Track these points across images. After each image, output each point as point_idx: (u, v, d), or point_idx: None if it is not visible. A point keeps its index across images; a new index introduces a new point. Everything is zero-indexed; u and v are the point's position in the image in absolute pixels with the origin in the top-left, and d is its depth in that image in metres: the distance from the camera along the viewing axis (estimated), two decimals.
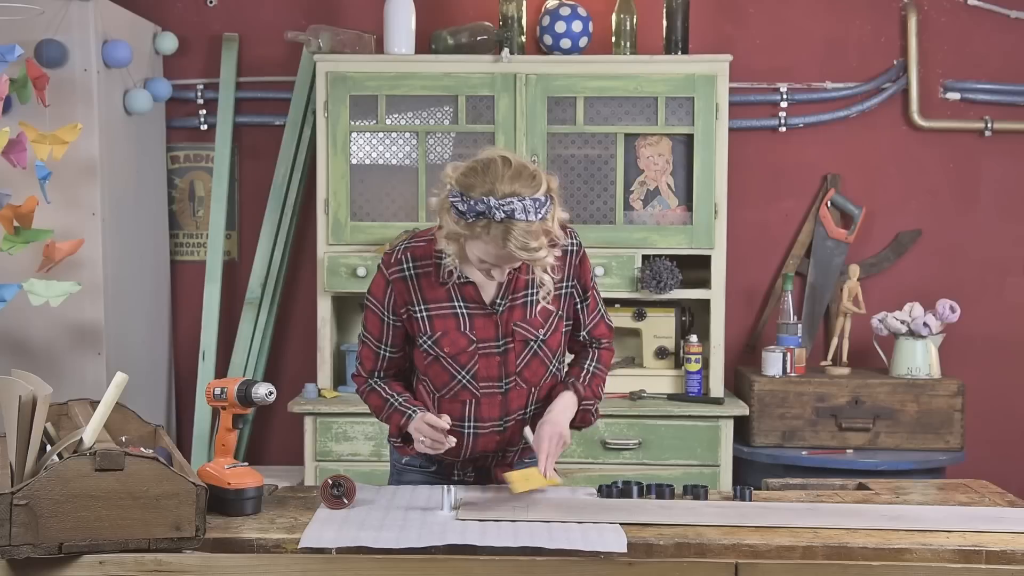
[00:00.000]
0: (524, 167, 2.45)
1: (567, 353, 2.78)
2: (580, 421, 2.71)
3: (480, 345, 2.60)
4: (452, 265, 2.54)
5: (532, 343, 2.62)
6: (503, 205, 2.38)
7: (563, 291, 2.65)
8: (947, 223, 4.48)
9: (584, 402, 2.69)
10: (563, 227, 2.57)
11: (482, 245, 2.44)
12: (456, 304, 2.59)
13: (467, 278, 2.57)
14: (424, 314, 2.60)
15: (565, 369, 2.76)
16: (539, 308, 2.61)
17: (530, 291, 2.61)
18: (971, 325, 4.38)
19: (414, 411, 2.60)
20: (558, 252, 2.54)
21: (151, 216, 4.41)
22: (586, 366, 2.75)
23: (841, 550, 2.26)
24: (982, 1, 4.42)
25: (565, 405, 2.65)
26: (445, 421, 2.56)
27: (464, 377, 2.62)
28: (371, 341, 2.68)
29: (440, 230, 2.49)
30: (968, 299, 4.35)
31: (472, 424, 2.65)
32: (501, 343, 2.61)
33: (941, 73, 4.45)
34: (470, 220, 2.41)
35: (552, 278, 2.58)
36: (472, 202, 2.40)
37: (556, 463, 2.62)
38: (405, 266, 2.59)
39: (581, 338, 2.75)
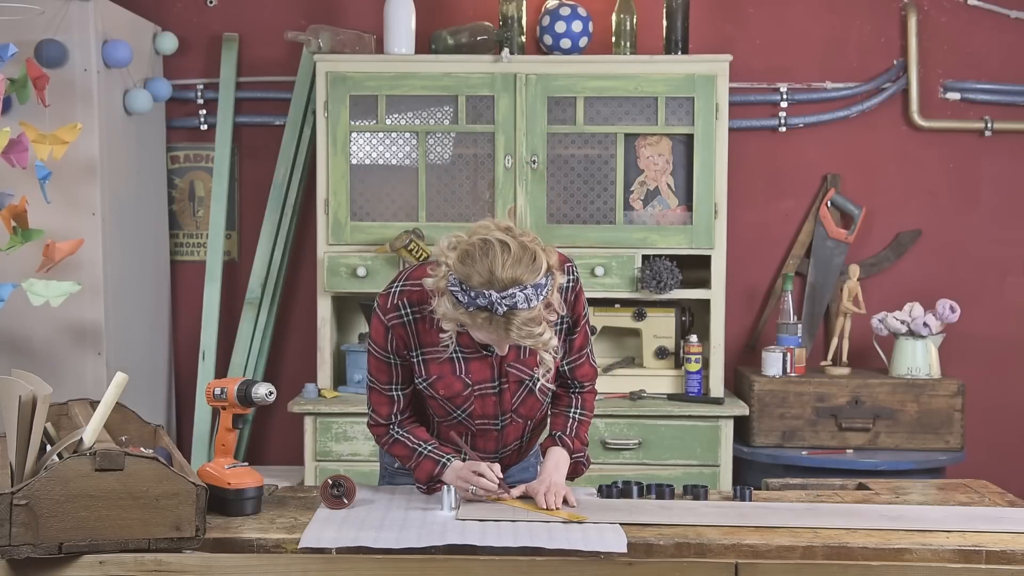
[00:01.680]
0: (524, 249, 2.34)
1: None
2: (572, 472, 2.67)
3: (476, 387, 2.57)
4: (449, 340, 2.47)
5: (527, 382, 2.59)
6: (504, 299, 2.30)
7: (557, 327, 2.58)
8: (947, 223, 4.48)
9: (575, 455, 2.67)
10: (562, 260, 2.51)
11: (484, 332, 2.39)
12: (452, 348, 2.53)
13: (462, 326, 2.47)
14: (420, 358, 2.56)
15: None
16: (532, 352, 2.54)
17: None
18: (971, 325, 4.37)
19: (448, 459, 2.57)
20: (553, 318, 2.44)
21: (151, 216, 4.41)
22: (571, 415, 2.70)
23: (841, 550, 2.26)
24: (982, 1, 4.42)
25: (556, 463, 2.62)
26: (496, 471, 2.52)
27: (460, 416, 2.61)
28: (380, 386, 2.61)
29: (438, 308, 2.40)
30: (968, 299, 4.35)
31: None
32: (496, 384, 2.58)
33: (941, 73, 4.44)
34: (471, 310, 2.34)
35: (553, 357, 2.53)
36: (472, 294, 2.31)
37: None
38: (403, 311, 2.53)
39: (563, 371, 2.67)
